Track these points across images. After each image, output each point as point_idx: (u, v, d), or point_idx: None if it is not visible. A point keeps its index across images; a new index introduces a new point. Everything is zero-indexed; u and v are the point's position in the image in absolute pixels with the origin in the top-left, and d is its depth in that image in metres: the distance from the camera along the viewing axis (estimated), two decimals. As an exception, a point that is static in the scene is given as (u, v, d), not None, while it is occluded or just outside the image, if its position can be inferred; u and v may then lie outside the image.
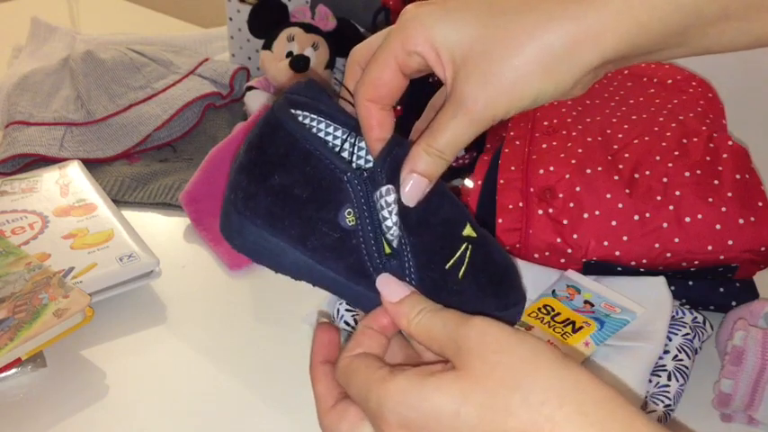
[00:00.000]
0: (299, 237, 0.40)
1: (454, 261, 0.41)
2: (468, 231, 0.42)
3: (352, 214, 0.40)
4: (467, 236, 0.42)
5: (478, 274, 0.42)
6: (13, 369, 0.57)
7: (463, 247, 0.42)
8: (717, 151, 0.64)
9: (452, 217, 0.42)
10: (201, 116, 0.91)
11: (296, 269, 0.41)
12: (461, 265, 0.41)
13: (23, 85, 0.94)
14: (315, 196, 0.40)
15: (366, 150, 0.44)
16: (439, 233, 0.41)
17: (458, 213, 0.42)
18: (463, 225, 0.42)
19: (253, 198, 0.40)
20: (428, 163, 0.39)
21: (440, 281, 0.41)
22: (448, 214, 0.42)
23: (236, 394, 0.58)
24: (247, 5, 0.94)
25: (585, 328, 0.55)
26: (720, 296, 0.64)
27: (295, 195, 0.40)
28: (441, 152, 0.38)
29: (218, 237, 0.74)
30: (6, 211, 0.70)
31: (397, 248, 0.40)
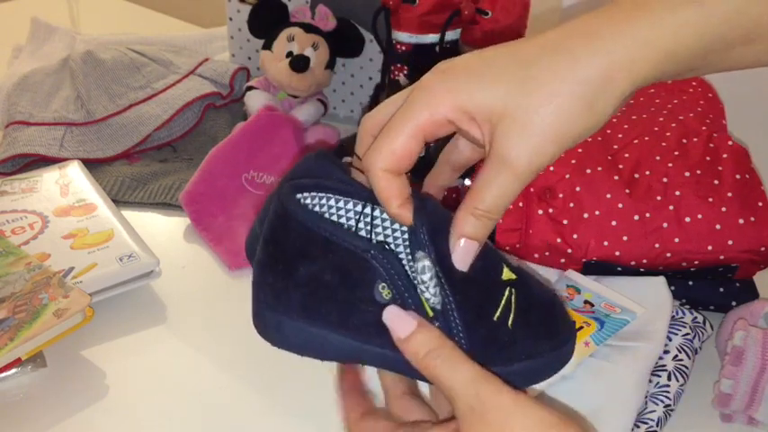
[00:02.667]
0: (339, 321, 0.39)
1: (501, 310, 0.39)
2: (507, 275, 0.40)
3: (386, 288, 0.39)
4: (507, 280, 0.40)
5: (528, 318, 0.40)
6: (13, 369, 0.57)
7: (507, 292, 0.40)
8: (717, 151, 0.64)
9: (489, 264, 0.40)
10: (201, 116, 0.91)
11: (343, 353, 0.40)
12: (509, 312, 0.39)
13: (23, 85, 0.94)
14: (345, 280, 0.39)
15: (384, 219, 0.42)
16: (481, 284, 0.39)
17: (494, 258, 0.40)
18: (501, 269, 0.40)
19: (283, 293, 0.40)
20: (476, 226, 0.38)
21: (490, 336, 0.39)
22: (484, 262, 0.39)
23: (236, 394, 0.58)
24: (247, 5, 0.94)
25: (585, 328, 0.55)
26: (720, 296, 0.64)
27: (325, 282, 0.39)
28: (488, 212, 0.37)
29: (218, 237, 0.75)
30: (6, 211, 0.70)
31: (441, 309, 0.39)
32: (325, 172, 0.42)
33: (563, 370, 0.54)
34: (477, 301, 0.39)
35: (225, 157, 0.79)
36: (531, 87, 0.35)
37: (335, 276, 0.39)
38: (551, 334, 0.41)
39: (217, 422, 0.56)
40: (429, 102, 0.37)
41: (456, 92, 0.36)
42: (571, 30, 0.36)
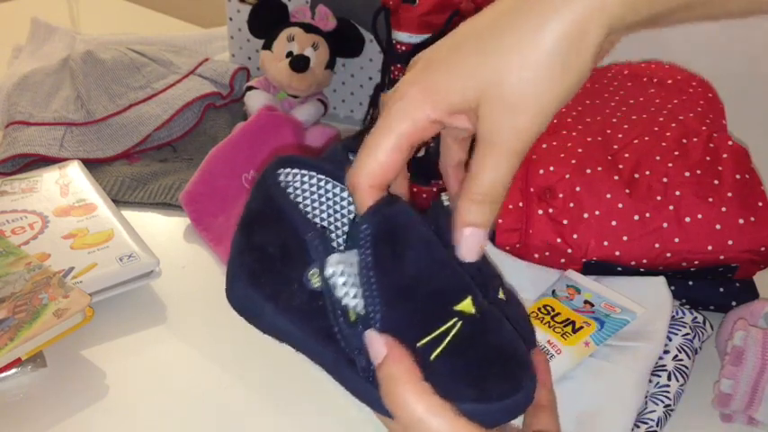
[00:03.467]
0: (273, 294, 0.39)
1: (430, 339, 0.36)
2: (465, 307, 0.37)
3: (316, 276, 0.37)
4: (461, 311, 0.37)
5: (458, 359, 0.36)
6: (13, 369, 0.57)
7: (450, 324, 0.36)
8: (717, 151, 0.64)
9: (448, 288, 0.37)
10: (201, 116, 0.91)
11: (275, 329, 0.40)
12: (438, 345, 0.36)
13: (23, 85, 0.94)
14: (285, 256, 0.38)
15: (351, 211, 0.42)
16: (421, 306, 0.37)
17: (458, 284, 0.37)
18: (461, 298, 0.37)
19: (241, 254, 0.40)
20: (479, 212, 0.37)
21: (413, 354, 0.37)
22: (444, 284, 0.37)
23: (237, 394, 0.58)
24: (247, 5, 0.94)
25: (585, 328, 0.55)
26: (720, 296, 0.64)
27: (270, 253, 0.39)
28: (486, 195, 0.36)
29: (218, 237, 0.75)
30: (6, 211, 0.70)
31: (364, 315, 0.37)
32: (332, 153, 0.42)
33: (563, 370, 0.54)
34: (407, 320, 0.37)
35: (225, 157, 0.79)
36: (500, 64, 0.34)
37: (278, 250, 0.39)
38: (479, 383, 0.37)
39: (217, 422, 0.56)
40: (407, 110, 0.36)
41: (430, 93, 0.35)
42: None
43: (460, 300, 0.37)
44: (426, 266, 0.37)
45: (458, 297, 0.37)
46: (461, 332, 0.37)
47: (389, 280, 0.36)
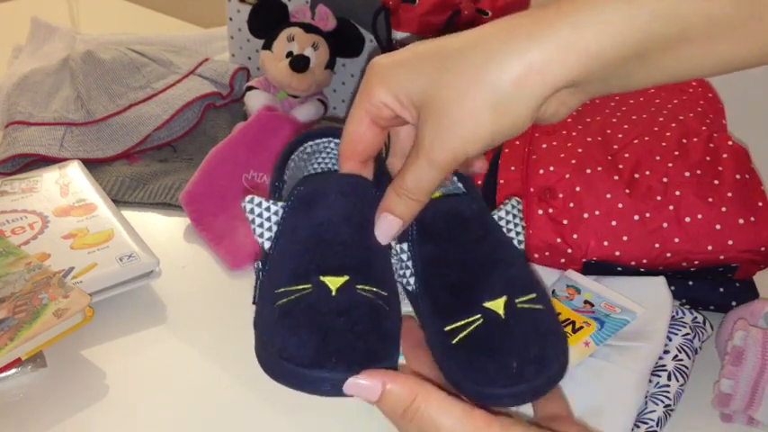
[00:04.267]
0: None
1: (454, 327, 0.39)
2: (496, 305, 0.40)
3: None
4: (488, 308, 0.39)
5: (471, 351, 0.39)
6: (13, 369, 0.57)
7: (476, 318, 0.39)
8: (717, 151, 0.64)
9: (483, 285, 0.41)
10: (201, 116, 0.91)
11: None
12: (460, 332, 0.39)
13: (23, 85, 0.94)
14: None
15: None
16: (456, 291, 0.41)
17: (491, 282, 0.41)
18: (493, 297, 0.40)
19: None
20: (399, 204, 0.40)
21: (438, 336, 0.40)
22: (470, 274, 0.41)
23: (236, 394, 0.58)
24: (247, 5, 0.94)
25: (585, 328, 0.55)
26: (720, 296, 0.64)
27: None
28: (409, 192, 0.40)
29: (218, 237, 0.75)
30: (6, 211, 0.70)
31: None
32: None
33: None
34: (445, 299, 0.41)
35: (225, 157, 0.79)
36: (447, 81, 0.36)
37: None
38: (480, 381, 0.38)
39: (217, 422, 0.56)
40: (368, 90, 0.39)
41: (387, 81, 0.39)
42: (496, 27, 0.36)
43: (491, 298, 0.40)
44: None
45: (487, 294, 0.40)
46: (481, 328, 0.39)
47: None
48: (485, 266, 0.42)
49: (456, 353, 0.39)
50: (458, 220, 0.43)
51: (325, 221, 0.41)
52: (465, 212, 0.44)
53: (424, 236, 0.43)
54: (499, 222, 0.44)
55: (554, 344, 0.39)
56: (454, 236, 0.43)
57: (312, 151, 0.50)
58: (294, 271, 0.40)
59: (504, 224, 0.44)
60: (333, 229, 0.41)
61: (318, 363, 0.35)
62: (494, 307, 0.39)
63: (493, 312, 0.39)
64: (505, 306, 0.39)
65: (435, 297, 0.41)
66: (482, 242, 0.43)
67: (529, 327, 0.39)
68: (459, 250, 0.42)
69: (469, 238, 0.43)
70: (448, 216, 0.44)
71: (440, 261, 0.42)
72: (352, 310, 0.38)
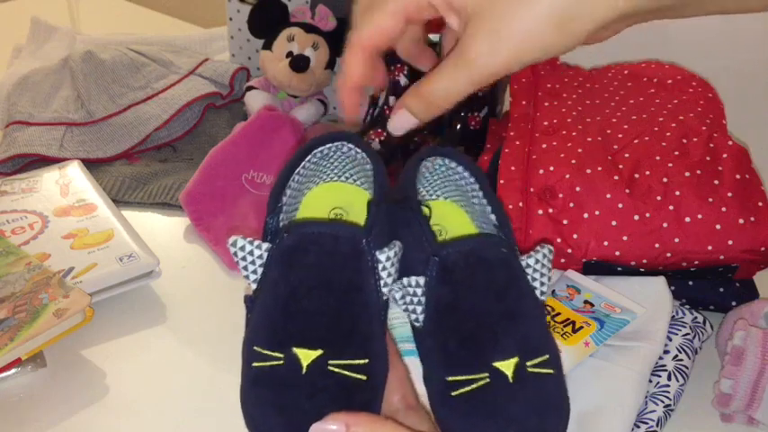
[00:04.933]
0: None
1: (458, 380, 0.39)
2: (506, 366, 0.38)
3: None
4: (498, 368, 0.38)
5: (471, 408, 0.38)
6: (13, 369, 0.57)
7: (483, 376, 0.38)
8: (717, 151, 0.64)
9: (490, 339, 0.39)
10: (201, 116, 0.91)
11: None
12: (463, 387, 0.39)
13: (23, 85, 0.94)
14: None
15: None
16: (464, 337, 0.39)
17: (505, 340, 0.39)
18: (504, 357, 0.38)
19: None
20: (417, 103, 0.40)
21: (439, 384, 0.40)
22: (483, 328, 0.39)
23: (236, 394, 0.58)
24: (247, 5, 0.94)
25: (585, 328, 0.55)
26: (720, 296, 0.64)
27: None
28: (430, 95, 0.39)
29: (218, 237, 0.75)
30: (6, 211, 0.70)
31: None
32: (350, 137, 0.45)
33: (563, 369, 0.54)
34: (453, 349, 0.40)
35: (225, 157, 0.79)
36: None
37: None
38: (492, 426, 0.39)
39: (217, 422, 0.56)
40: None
41: None
42: None
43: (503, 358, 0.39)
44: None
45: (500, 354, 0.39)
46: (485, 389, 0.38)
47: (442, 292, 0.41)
48: (501, 321, 0.40)
49: (454, 405, 0.38)
50: (482, 265, 0.41)
51: (304, 285, 0.39)
52: (491, 258, 0.41)
53: (444, 277, 0.40)
54: (526, 270, 0.42)
55: (556, 417, 0.38)
56: (475, 283, 0.40)
57: (321, 157, 0.47)
58: (271, 332, 0.39)
59: (530, 272, 0.42)
60: (311, 294, 0.39)
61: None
62: (503, 368, 0.38)
63: (501, 373, 0.38)
64: (516, 368, 0.38)
65: (444, 344, 0.40)
66: (503, 293, 0.40)
67: (534, 395, 0.38)
68: (477, 299, 0.40)
69: (491, 288, 0.40)
70: (472, 259, 0.41)
71: (455, 308, 0.40)
72: (320, 394, 0.37)
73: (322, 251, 0.40)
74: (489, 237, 0.44)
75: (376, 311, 0.40)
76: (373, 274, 0.40)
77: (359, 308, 0.40)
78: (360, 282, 0.40)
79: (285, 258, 0.40)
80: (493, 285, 0.40)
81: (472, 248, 0.41)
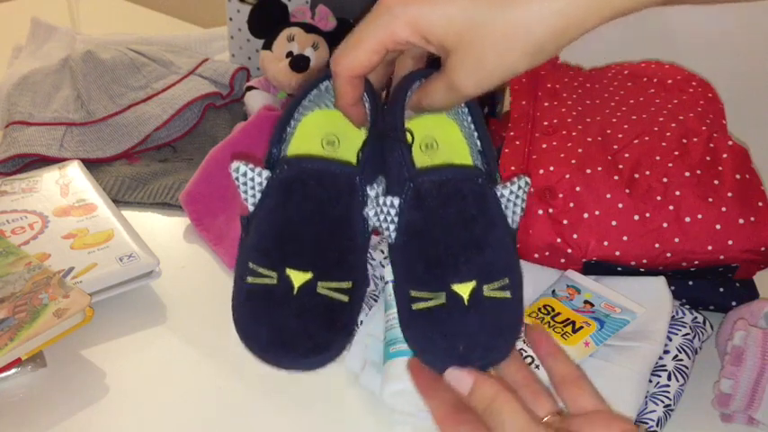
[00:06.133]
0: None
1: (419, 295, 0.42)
2: (463, 289, 0.42)
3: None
4: (455, 291, 0.42)
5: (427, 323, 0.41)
6: (13, 369, 0.57)
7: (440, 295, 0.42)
8: (717, 151, 0.64)
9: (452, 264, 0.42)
10: (201, 116, 0.91)
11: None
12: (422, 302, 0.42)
13: (23, 85, 0.94)
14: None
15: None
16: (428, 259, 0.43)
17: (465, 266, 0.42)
18: (462, 280, 0.42)
19: None
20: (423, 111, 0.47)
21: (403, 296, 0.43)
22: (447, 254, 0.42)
23: (236, 394, 0.58)
24: (247, 5, 0.94)
25: (585, 328, 0.55)
26: (720, 296, 0.64)
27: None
28: (432, 109, 0.46)
29: (218, 237, 0.75)
30: (6, 211, 0.70)
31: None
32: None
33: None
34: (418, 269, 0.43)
35: (225, 157, 0.79)
36: (487, 32, 0.40)
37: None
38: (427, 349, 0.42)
39: (217, 422, 0.56)
40: (391, 23, 0.42)
41: (415, 19, 0.41)
42: None
43: (459, 280, 0.42)
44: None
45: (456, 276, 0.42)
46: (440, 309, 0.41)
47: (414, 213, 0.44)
48: (466, 249, 0.42)
49: (414, 318, 0.42)
50: (455, 196, 0.44)
51: (300, 215, 0.44)
52: (464, 189, 0.44)
53: (417, 202, 0.44)
54: (500, 198, 0.45)
55: (507, 335, 0.41)
56: (445, 214, 0.43)
57: (324, 90, 0.51)
58: (266, 252, 0.43)
59: (504, 201, 0.45)
60: (306, 224, 0.44)
61: (269, 350, 0.41)
62: (460, 291, 0.41)
63: (457, 296, 0.41)
64: (472, 291, 0.41)
65: (410, 262, 0.43)
66: (471, 223, 0.43)
67: (487, 317, 0.41)
68: (444, 227, 0.43)
69: (460, 217, 0.43)
70: (445, 189, 0.44)
71: (423, 233, 0.43)
72: (307, 313, 0.42)
73: (319, 186, 0.44)
74: (466, 169, 0.47)
75: (362, 240, 0.45)
76: (363, 207, 0.45)
77: (348, 238, 0.44)
78: (350, 215, 0.44)
79: (283, 188, 0.44)
80: (462, 215, 0.43)
81: (447, 179, 0.44)
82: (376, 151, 0.47)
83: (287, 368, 0.41)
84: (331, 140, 0.51)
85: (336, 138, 0.51)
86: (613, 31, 0.86)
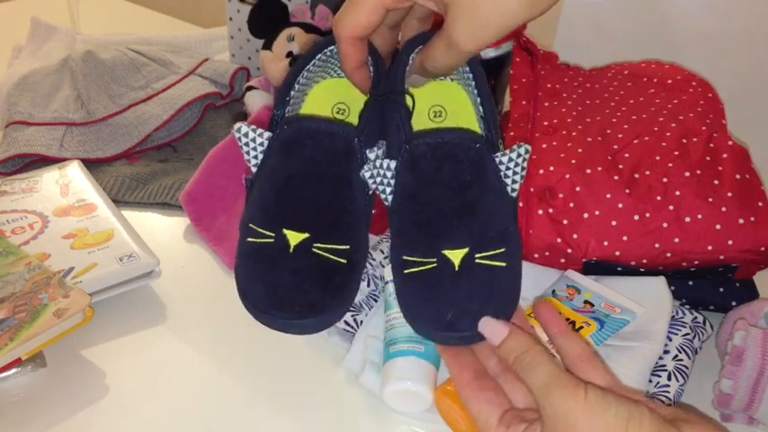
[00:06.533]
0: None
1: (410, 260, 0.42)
2: (454, 255, 0.41)
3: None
4: (446, 256, 0.41)
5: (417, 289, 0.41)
6: (13, 369, 0.57)
7: (431, 260, 0.41)
8: (717, 151, 0.64)
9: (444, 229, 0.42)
10: (201, 116, 0.91)
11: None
12: (413, 267, 0.42)
13: (23, 85, 0.94)
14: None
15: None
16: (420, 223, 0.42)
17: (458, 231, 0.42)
18: (454, 246, 0.41)
19: None
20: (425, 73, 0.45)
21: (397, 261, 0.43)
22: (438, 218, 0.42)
23: (236, 394, 0.58)
24: (247, 5, 0.94)
25: (585, 328, 0.55)
26: (720, 296, 0.64)
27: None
28: (435, 69, 0.45)
29: (218, 237, 0.75)
30: (6, 211, 0.70)
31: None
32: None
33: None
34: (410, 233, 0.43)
35: (225, 157, 0.79)
36: None
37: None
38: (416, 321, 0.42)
39: (217, 422, 0.56)
40: None
41: None
42: None
43: (454, 247, 0.41)
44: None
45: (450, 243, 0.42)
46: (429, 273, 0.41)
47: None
48: (459, 213, 0.42)
49: (406, 282, 0.41)
50: (448, 159, 0.43)
51: (299, 174, 0.44)
52: (459, 154, 0.43)
53: (411, 165, 0.43)
54: (499, 166, 0.44)
55: (499, 304, 0.41)
56: (439, 177, 0.43)
57: (330, 56, 0.50)
58: (265, 212, 0.44)
59: (503, 168, 0.44)
60: (305, 184, 0.44)
61: (265, 308, 0.41)
62: (451, 256, 0.41)
63: (449, 261, 0.41)
64: (463, 258, 0.41)
65: (403, 225, 0.43)
66: (465, 188, 0.43)
67: (478, 284, 0.40)
68: (437, 192, 0.43)
69: (453, 181, 0.43)
70: (440, 153, 0.43)
71: (416, 196, 0.43)
72: (303, 271, 0.42)
73: (317, 146, 0.44)
74: (463, 132, 0.46)
75: (362, 204, 0.45)
76: (361, 169, 0.45)
77: (346, 200, 0.44)
78: (350, 176, 0.44)
79: (283, 148, 0.44)
80: (456, 179, 0.43)
81: (442, 141, 0.44)
82: (377, 115, 0.47)
83: (282, 329, 0.41)
84: (342, 109, 0.51)
85: (347, 106, 0.51)
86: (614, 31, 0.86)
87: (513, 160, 0.44)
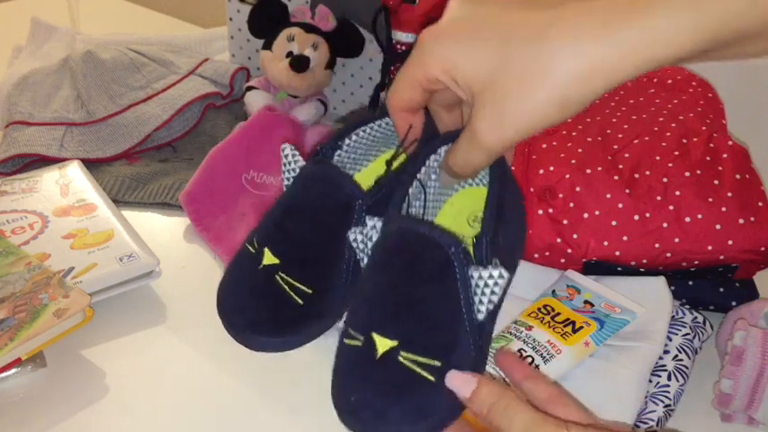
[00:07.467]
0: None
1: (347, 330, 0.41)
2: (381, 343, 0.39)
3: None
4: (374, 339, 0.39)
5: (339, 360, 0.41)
6: (13, 369, 0.57)
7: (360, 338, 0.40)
8: (717, 151, 0.64)
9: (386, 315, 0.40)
10: (201, 116, 0.91)
11: None
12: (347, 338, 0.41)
13: (23, 85, 0.94)
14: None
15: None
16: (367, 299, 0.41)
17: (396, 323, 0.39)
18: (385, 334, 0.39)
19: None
20: (449, 171, 0.44)
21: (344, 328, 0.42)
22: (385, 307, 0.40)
23: (236, 394, 0.58)
24: (247, 5, 0.94)
25: (585, 328, 0.55)
26: (720, 296, 0.64)
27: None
28: (456, 168, 0.43)
29: (218, 237, 0.75)
30: (6, 211, 0.70)
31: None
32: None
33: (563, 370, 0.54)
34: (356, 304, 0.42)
35: (225, 157, 0.79)
36: (512, 73, 0.36)
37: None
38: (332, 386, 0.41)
39: (217, 422, 0.56)
40: (423, 61, 0.40)
41: (444, 57, 0.39)
42: (562, 16, 0.35)
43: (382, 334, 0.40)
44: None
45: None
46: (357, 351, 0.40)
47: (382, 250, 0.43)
48: (408, 307, 0.39)
49: (342, 349, 0.41)
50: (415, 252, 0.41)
51: (296, 208, 0.45)
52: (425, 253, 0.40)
53: (383, 241, 0.43)
54: (470, 279, 0.40)
55: (410, 417, 0.37)
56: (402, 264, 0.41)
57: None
58: (257, 231, 0.45)
59: (473, 283, 0.39)
60: (298, 219, 0.44)
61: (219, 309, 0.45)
62: (378, 342, 0.38)
63: (374, 346, 0.38)
64: (389, 350, 0.38)
65: (357, 296, 0.42)
66: (422, 286, 0.40)
67: (390, 381, 0.37)
68: (393, 276, 0.41)
69: (414, 276, 0.40)
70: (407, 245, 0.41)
71: (377, 273, 0.42)
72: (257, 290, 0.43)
73: (323, 190, 0.45)
74: (443, 232, 0.41)
75: (346, 263, 0.45)
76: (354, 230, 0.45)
77: (330, 252, 0.44)
78: (341, 233, 0.44)
79: (299, 181, 0.46)
80: (418, 273, 0.40)
81: (415, 235, 0.41)
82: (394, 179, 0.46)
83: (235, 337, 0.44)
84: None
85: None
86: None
87: (484, 279, 0.39)
